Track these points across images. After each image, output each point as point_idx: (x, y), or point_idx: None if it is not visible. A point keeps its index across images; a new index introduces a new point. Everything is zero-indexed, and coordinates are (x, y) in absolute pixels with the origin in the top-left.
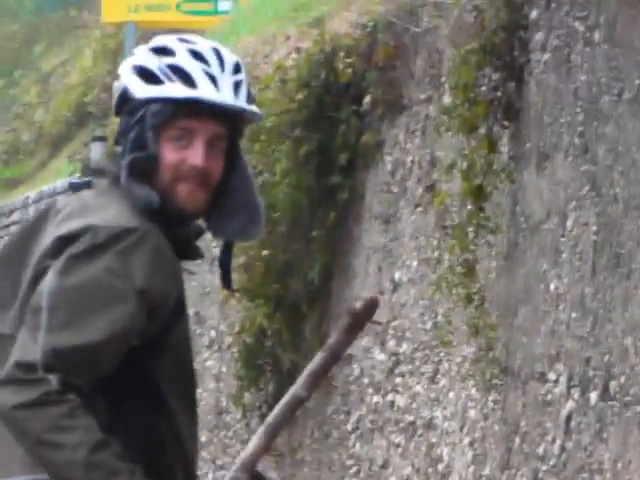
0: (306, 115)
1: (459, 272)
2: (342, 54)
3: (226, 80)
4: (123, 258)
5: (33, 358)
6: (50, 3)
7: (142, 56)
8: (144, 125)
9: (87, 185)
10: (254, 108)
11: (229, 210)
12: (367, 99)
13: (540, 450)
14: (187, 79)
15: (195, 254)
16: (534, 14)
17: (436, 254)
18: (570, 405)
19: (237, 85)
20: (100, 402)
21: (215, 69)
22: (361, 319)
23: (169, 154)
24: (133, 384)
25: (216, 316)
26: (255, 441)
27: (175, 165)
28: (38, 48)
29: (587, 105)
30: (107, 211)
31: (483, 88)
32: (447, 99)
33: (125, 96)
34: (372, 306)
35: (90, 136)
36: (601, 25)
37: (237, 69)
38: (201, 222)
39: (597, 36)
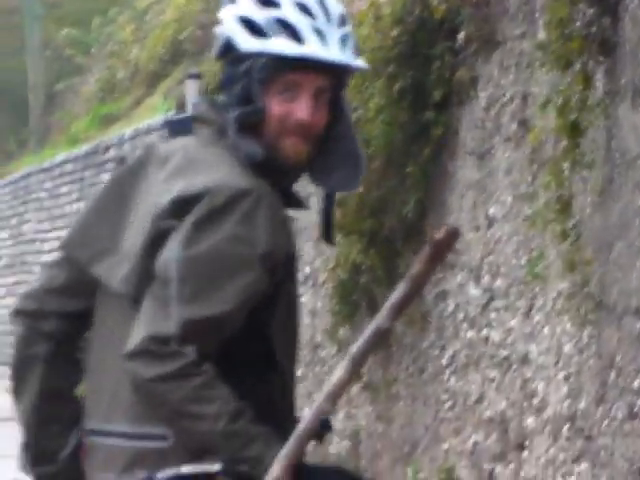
0: (400, 51)
1: (554, 208)
2: None
3: (333, 34)
4: (246, 223)
5: (167, 331)
6: None
7: (246, 6)
8: (250, 78)
9: (184, 126)
10: (360, 63)
11: (331, 161)
12: (461, 35)
13: (635, 384)
14: (294, 34)
15: (299, 203)
16: None
17: (530, 190)
18: None
19: (344, 39)
20: (218, 366)
21: (321, 23)
22: (442, 248)
23: (275, 107)
24: (248, 341)
25: (311, 252)
26: (339, 372)
27: (281, 118)
28: None
29: None
30: (219, 168)
31: (578, 23)
32: (541, 35)
33: (229, 45)
34: (453, 235)
35: (185, 73)
36: None
37: (343, 21)
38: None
39: None
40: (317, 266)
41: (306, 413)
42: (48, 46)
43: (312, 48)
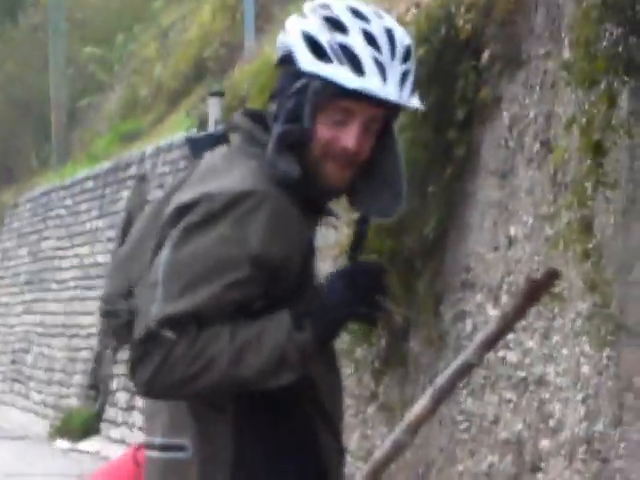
0: (425, 70)
1: (576, 228)
2: (462, 9)
3: (395, 69)
4: (239, 224)
5: (146, 329)
6: None
7: (313, 24)
8: (303, 98)
9: (205, 144)
10: (415, 102)
11: (373, 187)
12: (486, 54)
13: None
14: (356, 64)
15: (330, 212)
16: None
17: (552, 209)
18: None
19: (404, 76)
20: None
21: (386, 56)
22: (539, 288)
23: (323, 131)
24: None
25: (330, 270)
26: (422, 403)
27: (327, 143)
28: (157, 3)
29: None
30: (229, 175)
31: (604, 43)
32: (567, 54)
33: (289, 57)
34: (552, 276)
35: (207, 91)
36: None
37: (407, 55)
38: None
39: None
40: None
41: (384, 444)
42: (71, 63)
43: (371, 82)
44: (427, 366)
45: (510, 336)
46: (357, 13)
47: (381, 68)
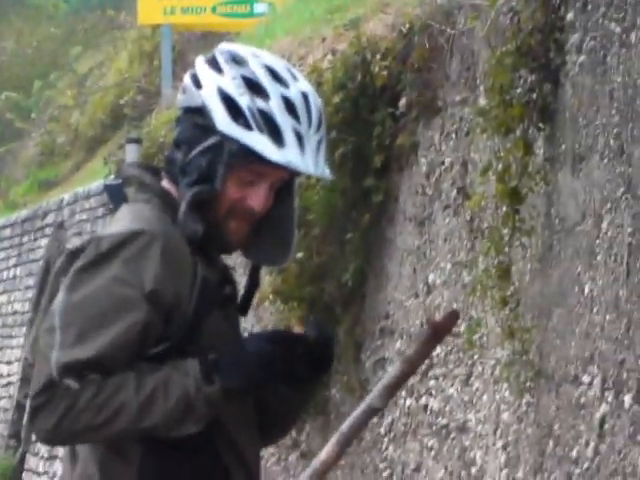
0: (341, 117)
1: (494, 275)
2: (378, 56)
3: (311, 139)
4: (131, 264)
5: (46, 379)
6: (86, 5)
7: (231, 83)
8: (217, 158)
9: (121, 190)
10: (327, 173)
11: (265, 237)
12: (402, 101)
13: (574, 453)
14: (277, 134)
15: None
16: (570, 16)
17: (470, 256)
18: (604, 408)
19: (319, 144)
20: (137, 450)
21: (304, 126)
22: (441, 331)
23: (232, 191)
24: None
25: (250, 318)
26: (327, 449)
27: (234, 202)
28: (74, 50)
29: (623, 107)
30: (119, 222)
31: (519, 90)
32: (482, 101)
33: (202, 110)
34: (453, 318)
35: (125, 138)
36: (637, 26)
37: (320, 122)
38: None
39: (633, 38)
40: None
41: None
42: None
43: (290, 154)
44: (348, 414)
45: (431, 383)
46: (275, 75)
47: (299, 139)
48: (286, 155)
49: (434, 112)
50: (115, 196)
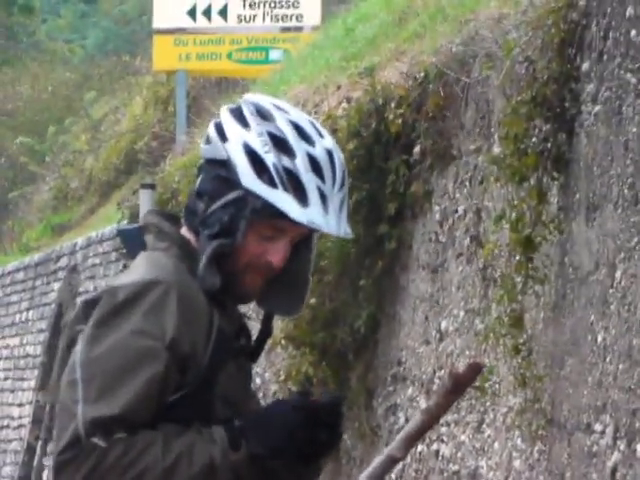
0: (356, 165)
1: (506, 322)
2: (392, 104)
3: (335, 199)
4: (151, 315)
5: (74, 435)
6: (102, 50)
7: (257, 139)
8: (239, 212)
9: (135, 235)
10: (349, 233)
11: (279, 287)
12: (417, 149)
13: None
14: (301, 194)
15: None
16: (586, 66)
17: (483, 304)
18: (616, 457)
19: (342, 203)
20: None
21: (328, 185)
22: (462, 382)
23: (253, 246)
24: None
25: (262, 363)
26: None
27: (253, 257)
28: (89, 95)
29: (637, 157)
30: (135, 270)
31: (533, 139)
32: (497, 149)
33: (226, 163)
34: (475, 370)
35: (139, 183)
36: None
37: (343, 181)
38: None
39: None
40: (268, 377)
41: None
42: (2, 154)
43: (314, 214)
44: (359, 460)
45: (442, 429)
46: (301, 132)
47: (323, 198)
48: (309, 215)
49: (448, 160)
50: (129, 242)
